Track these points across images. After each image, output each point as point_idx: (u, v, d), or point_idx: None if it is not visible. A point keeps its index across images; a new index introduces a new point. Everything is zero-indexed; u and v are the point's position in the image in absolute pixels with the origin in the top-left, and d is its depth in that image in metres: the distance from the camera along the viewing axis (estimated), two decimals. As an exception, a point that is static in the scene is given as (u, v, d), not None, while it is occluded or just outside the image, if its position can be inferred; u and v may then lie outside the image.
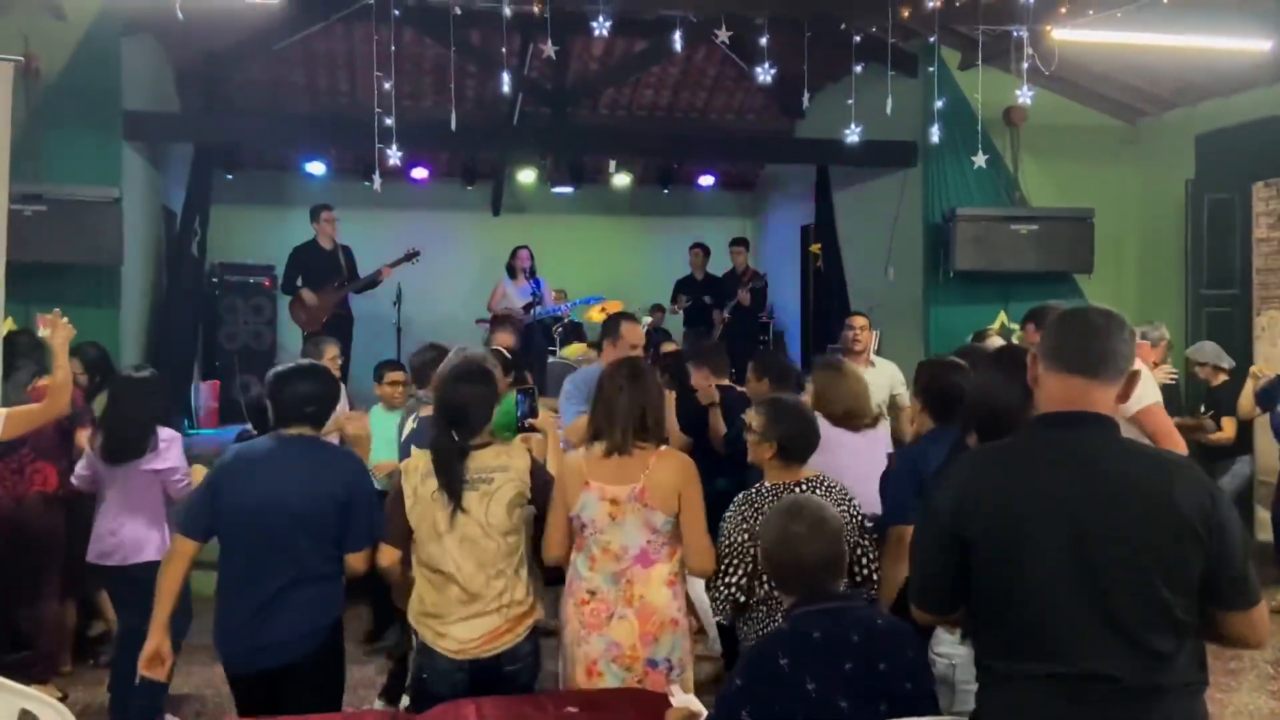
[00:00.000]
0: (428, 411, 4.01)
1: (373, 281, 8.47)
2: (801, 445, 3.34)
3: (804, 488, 3.25)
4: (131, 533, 4.29)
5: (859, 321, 5.98)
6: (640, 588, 3.09)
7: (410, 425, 4.35)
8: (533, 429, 3.71)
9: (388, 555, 3.17)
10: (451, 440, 3.08)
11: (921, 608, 2.18)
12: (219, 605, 3.16)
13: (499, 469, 3.09)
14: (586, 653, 3.08)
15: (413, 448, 3.98)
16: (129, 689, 4.19)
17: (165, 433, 4.40)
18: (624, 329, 4.65)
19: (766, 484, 3.30)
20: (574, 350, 8.39)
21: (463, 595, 3.02)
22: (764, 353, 5.67)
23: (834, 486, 3.32)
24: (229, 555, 3.16)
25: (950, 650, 2.83)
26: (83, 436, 4.67)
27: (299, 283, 8.23)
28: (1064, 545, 1.92)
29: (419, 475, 3.10)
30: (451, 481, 3.04)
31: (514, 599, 3.06)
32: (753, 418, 3.42)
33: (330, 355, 5.81)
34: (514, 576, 3.08)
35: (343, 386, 5.96)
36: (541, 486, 3.18)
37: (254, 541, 3.10)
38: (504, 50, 6.33)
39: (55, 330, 4.04)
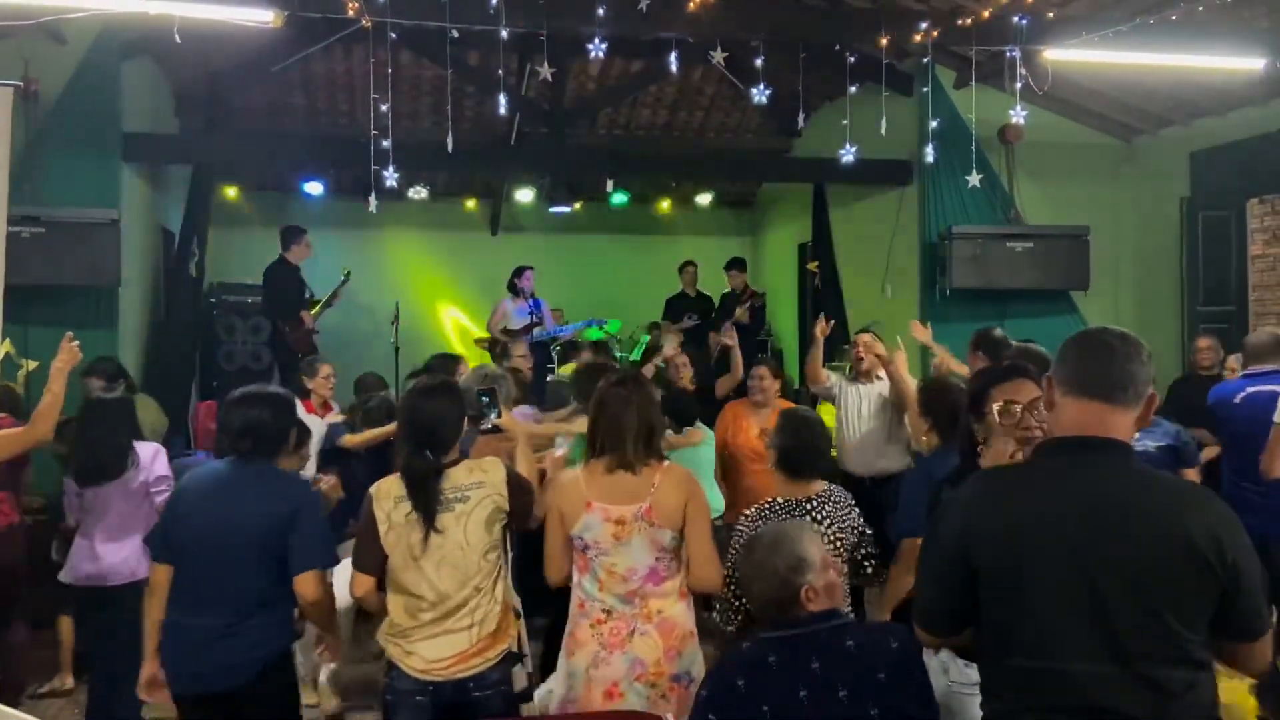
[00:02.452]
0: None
1: (329, 302, 8.53)
2: (798, 460, 3.34)
3: (814, 503, 3.26)
4: (114, 554, 4.24)
5: (864, 339, 5.91)
6: (657, 603, 3.02)
7: None
8: (497, 429, 3.67)
9: (362, 584, 3.05)
10: (425, 461, 2.98)
11: (925, 629, 2.16)
12: (166, 624, 3.13)
13: (474, 485, 3.00)
14: (607, 674, 2.97)
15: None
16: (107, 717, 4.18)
17: (146, 447, 4.38)
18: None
19: (779, 500, 3.32)
20: (573, 369, 8.39)
21: (435, 614, 2.95)
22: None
23: (840, 502, 3.32)
24: (177, 577, 3.12)
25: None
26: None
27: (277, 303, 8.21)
28: (1070, 576, 1.87)
29: (391, 500, 3.00)
30: (427, 504, 2.95)
31: (484, 617, 2.97)
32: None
33: (324, 374, 5.82)
34: (488, 595, 2.99)
35: (335, 408, 5.96)
36: (520, 499, 3.09)
37: (198, 565, 3.07)
38: (501, 71, 6.36)
39: (60, 353, 4.00)
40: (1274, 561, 3.84)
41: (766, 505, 3.31)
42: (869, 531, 3.40)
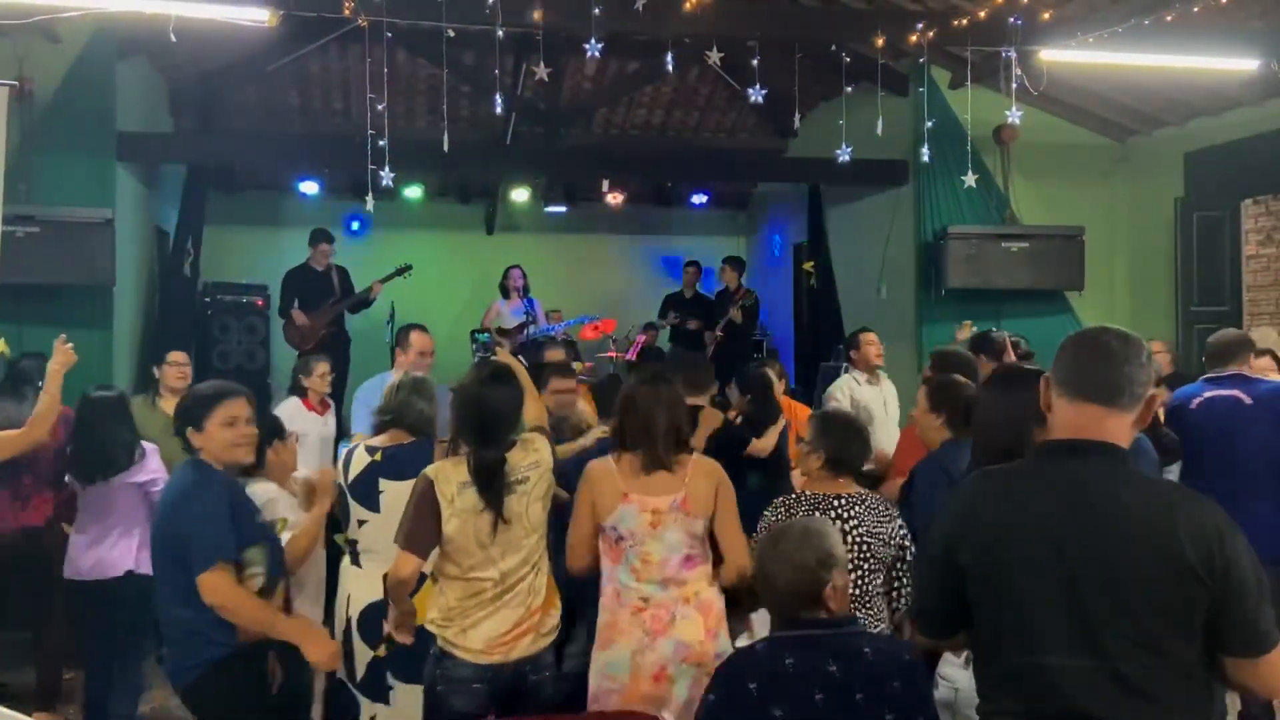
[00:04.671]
0: (383, 440, 3.63)
1: (364, 300, 8.55)
2: (850, 457, 3.34)
3: (843, 502, 3.20)
4: (109, 549, 4.25)
5: (872, 337, 5.90)
6: (694, 585, 3.10)
7: (363, 457, 3.59)
8: None
9: (408, 565, 2.93)
10: (494, 450, 2.98)
11: (921, 631, 2.17)
12: None
13: (532, 466, 3.07)
14: (653, 660, 3.03)
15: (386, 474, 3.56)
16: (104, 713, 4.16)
17: (147, 444, 4.41)
18: (412, 338, 4.81)
19: (807, 492, 3.31)
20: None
21: (496, 591, 2.97)
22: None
23: (876, 509, 3.25)
24: None
25: (954, 674, 2.81)
26: None
27: (295, 305, 8.31)
28: (1054, 581, 1.85)
29: (455, 485, 2.96)
30: (496, 495, 2.96)
31: (533, 588, 3.03)
32: (804, 429, 3.49)
33: (320, 372, 5.81)
34: (539, 570, 3.07)
35: (332, 406, 5.94)
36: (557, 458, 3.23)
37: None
38: (497, 71, 6.35)
39: (55, 355, 3.99)
40: None
41: (793, 499, 3.31)
42: (911, 549, 3.25)
